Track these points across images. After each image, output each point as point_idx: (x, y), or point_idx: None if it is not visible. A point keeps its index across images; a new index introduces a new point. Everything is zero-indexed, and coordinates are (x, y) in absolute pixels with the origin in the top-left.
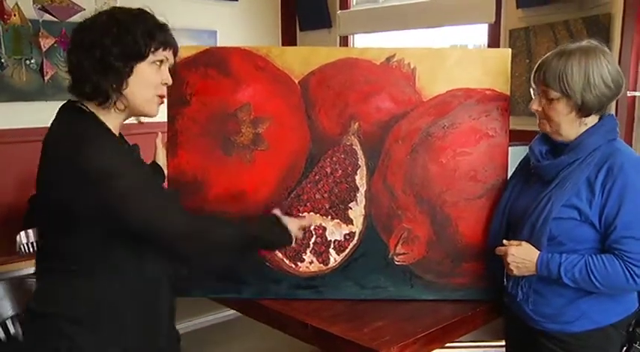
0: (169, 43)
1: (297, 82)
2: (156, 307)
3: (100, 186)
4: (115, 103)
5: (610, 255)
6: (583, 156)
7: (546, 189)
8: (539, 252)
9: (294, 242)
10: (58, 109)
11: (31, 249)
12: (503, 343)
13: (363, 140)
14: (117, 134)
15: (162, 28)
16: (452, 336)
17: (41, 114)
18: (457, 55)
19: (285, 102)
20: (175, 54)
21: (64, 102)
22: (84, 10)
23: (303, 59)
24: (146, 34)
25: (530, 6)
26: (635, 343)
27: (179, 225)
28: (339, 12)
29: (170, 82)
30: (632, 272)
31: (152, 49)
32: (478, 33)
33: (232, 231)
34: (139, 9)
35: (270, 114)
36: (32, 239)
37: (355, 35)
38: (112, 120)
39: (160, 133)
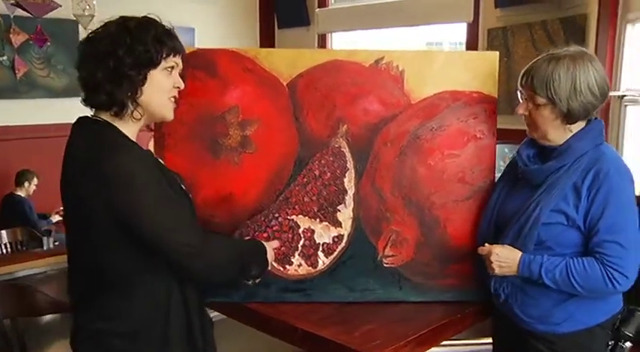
0: (178, 49)
1: (285, 84)
2: (193, 322)
3: (115, 191)
4: (132, 113)
5: (591, 258)
6: (570, 161)
7: (534, 194)
8: (521, 252)
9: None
10: (72, 126)
11: (4, 251)
12: (486, 341)
13: (352, 142)
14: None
15: (171, 33)
16: (441, 338)
17: (14, 112)
18: (445, 57)
19: (273, 104)
20: (184, 59)
21: (38, 99)
22: (60, 6)
23: (291, 61)
24: (156, 41)
25: (508, 6)
26: (620, 341)
27: (184, 246)
28: (317, 10)
29: (182, 85)
30: (610, 275)
31: (163, 56)
32: (453, 31)
33: (235, 255)
34: (145, 17)
35: (257, 116)
36: (5, 240)
37: (333, 33)
38: (129, 128)
39: (153, 137)
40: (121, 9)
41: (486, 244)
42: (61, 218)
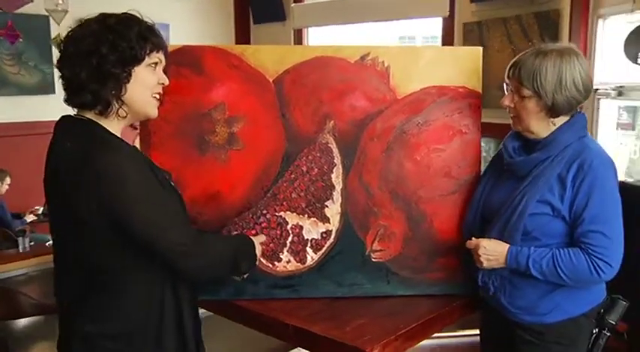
0: (161, 45)
1: (271, 80)
2: (185, 322)
3: (106, 189)
4: (117, 111)
5: (576, 248)
6: (555, 153)
7: (520, 186)
8: (508, 245)
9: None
10: (55, 124)
11: None
12: (473, 332)
13: (339, 138)
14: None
15: (153, 29)
16: (431, 331)
17: None
18: (430, 53)
19: (260, 101)
20: (166, 55)
21: (9, 96)
22: (31, 2)
23: (277, 58)
24: (140, 37)
25: (483, 0)
26: (604, 329)
27: (178, 245)
28: (293, 5)
29: (167, 81)
30: (596, 265)
31: (147, 52)
32: (426, 26)
33: (227, 252)
34: (125, 13)
35: (244, 113)
36: None
37: (309, 28)
38: (113, 126)
39: (138, 136)
40: (93, 5)
41: (473, 238)
42: (35, 217)
